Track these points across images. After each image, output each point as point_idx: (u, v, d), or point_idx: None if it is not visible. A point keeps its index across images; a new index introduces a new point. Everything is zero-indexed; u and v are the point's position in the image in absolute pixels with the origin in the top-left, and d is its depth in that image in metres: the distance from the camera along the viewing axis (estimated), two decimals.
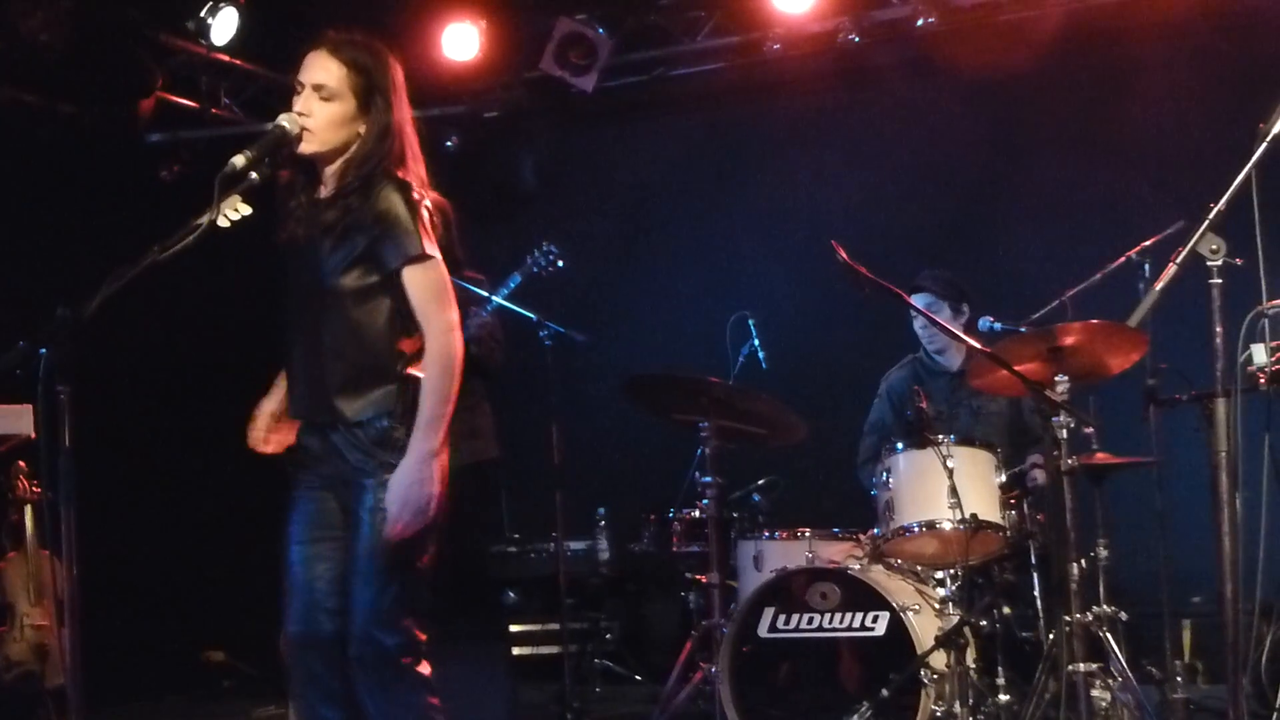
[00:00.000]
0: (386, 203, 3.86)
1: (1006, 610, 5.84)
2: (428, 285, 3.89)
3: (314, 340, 3.94)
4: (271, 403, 4.20)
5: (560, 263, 7.12)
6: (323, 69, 3.91)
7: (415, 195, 3.91)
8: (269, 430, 4.19)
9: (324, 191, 3.98)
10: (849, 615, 5.60)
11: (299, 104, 3.90)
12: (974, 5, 7.94)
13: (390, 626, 3.89)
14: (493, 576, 8.21)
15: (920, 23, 7.93)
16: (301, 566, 3.98)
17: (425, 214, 3.91)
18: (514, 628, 8.04)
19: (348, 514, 3.94)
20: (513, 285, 6.98)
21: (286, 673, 4.04)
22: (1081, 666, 5.12)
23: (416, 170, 4.00)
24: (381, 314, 3.91)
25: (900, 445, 5.90)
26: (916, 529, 5.71)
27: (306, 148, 3.90)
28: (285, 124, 3.85)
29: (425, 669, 3.96)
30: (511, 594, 8.28)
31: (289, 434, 4.13)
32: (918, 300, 6.41)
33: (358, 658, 3.88)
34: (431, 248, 3.89)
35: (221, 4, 7.90)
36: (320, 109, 3.89)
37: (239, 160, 3.73)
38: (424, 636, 3.96)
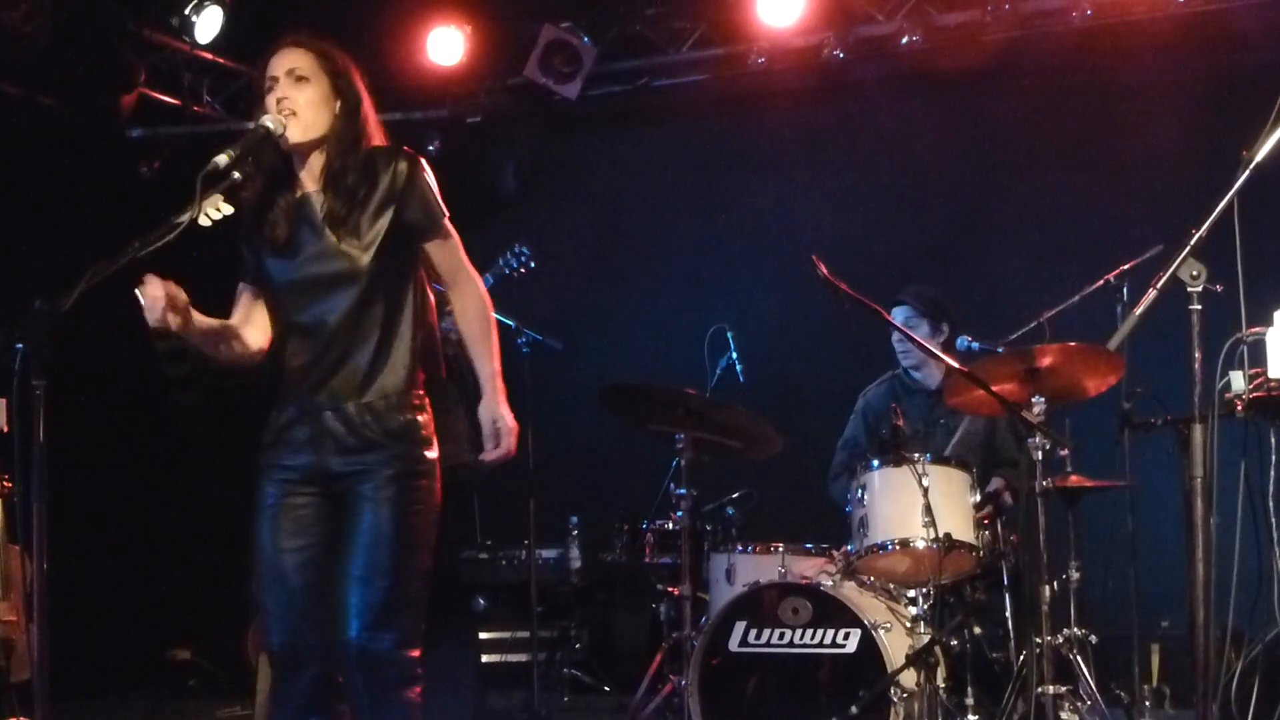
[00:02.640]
0: (407, 174, 3.92)
1: (977, 630, 5.85)
2: (456, 247, 4.03)
3: (341, 325, 3.89)
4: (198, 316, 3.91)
5: (532, 264, 7.12)
6: (292, 57, 3.94)
7: (425, 165, 3.98)
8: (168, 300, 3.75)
9: (308, 184, 3.96)
10: (820, 631, 5.60)
11: (278, 91, 3.89)
12: (958, 24, 7.94)
13: (389, 624, 3.81)
14: (463, 582, 8.18)
15: (905, 40, 7.94)
16: (288, 575, 3.88)
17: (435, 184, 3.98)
18: (483, 635, 7.99)
19: (334, 513, 3.89)
20: (485, 286, 6.97)
21: (251, 674, 4.00)
22: (1050, 688, 5.12)
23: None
24: (407, 292, 3.97)
25: (875, 463, 5.89)
26: (890, 546, 5.71)
27: (293, 135, 3.88)
28: (269, 123, 3.84)
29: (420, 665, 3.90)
30: (481, 600, 8.25)
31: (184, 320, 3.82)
32: (896, 314, 6.40)
33: (358, 657, 3.78)
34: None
35: (206, 2, 7.91)
36: (300, 92, 3.89)
37: (221, 159, 3.71)
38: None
